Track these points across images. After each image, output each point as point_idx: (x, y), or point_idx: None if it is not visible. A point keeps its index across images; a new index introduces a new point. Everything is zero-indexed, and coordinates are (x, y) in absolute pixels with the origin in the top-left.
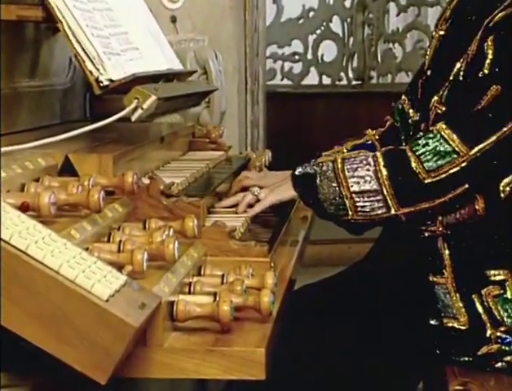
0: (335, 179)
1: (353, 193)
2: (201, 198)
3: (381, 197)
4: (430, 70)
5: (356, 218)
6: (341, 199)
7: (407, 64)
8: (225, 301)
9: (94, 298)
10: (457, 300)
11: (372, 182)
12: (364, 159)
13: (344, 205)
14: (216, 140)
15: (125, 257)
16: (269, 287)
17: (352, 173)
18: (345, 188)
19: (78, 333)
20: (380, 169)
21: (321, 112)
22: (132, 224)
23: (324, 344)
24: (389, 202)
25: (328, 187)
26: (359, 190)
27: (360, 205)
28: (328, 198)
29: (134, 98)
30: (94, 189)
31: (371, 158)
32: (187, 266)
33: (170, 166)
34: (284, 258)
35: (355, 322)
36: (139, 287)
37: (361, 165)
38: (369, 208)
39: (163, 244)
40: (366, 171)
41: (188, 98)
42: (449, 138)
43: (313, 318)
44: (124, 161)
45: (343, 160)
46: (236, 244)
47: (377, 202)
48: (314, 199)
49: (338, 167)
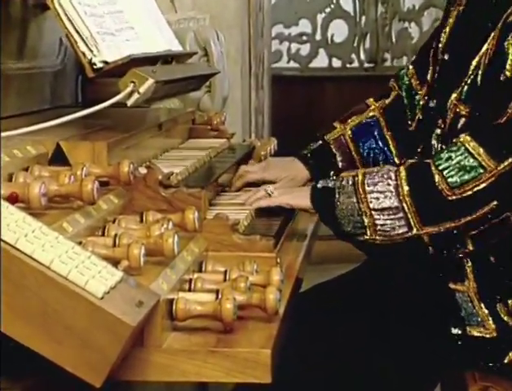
0: (354, 194)
1: (373, 210)
2: (202, 189)
3: (403, 215)
4: (446, 54)
5: (375, 238)
6: (359, 216)
7: None
8: (228, 299)
9: (88, 295)
10: (482, 309)
11: (393, 198)
12: (386, 173)
13: (362, 223)
14: (218, 127)
15: (120, 251)
16: (275, 284)
17: (372, 188)
18: (364, 204)
19: (71, 333)
20: (401, 184)
21: (331, 97)
22: (128, 217)
23: (333, 345)
24: (411, 221)
25: (347, 203)
26: (379, 207)
27: (380, 224)
28: (346, 215)
29: (130, 81)
30: (88, 179)
31: (393, 173)
32: (187, 262)
33: (169, 155)
34: (291, 254)
35: (367, 322)
36: (135, 283)
37: (382, 180)
38: (390, 226)
39: (161, 238)
40: (387, 186)
41: (188, 81)
42: (475, 151)
43: (322, 317)
44: (119, 149)
45: (364, 174)
46: (240, 238)
47: (397, 220)
48: (331, 215)
49: (359, 181)
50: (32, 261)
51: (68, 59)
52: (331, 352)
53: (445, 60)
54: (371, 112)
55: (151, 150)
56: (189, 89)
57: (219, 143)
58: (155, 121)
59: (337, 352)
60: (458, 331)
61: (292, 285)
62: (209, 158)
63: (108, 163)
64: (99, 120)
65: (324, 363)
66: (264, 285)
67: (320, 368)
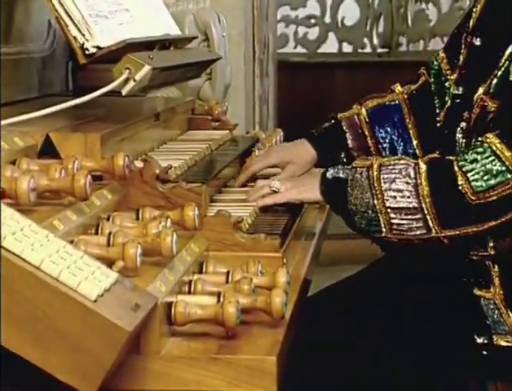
0: (369, 189)
1: (388, 208)
2: (203, 184)
3: (421, 216)
4: (477, 38)
5: (390, 237)
6: (374, 213)
7: (442, 28)
8: (230, 302)
9: (81, 298)
10: (510, 317)
11: (412, 198)
12: (405, 168)
13: (377, 221)
14: (219, 117)
15: (115, 251)
16: (281, 287)
17: (389, 185)
18: (379, 201)
19: (62, 338)
20: (421, 183)
21: (341, 85)
22: (123, 214)
23: (344, 353)
24: (429, 222)
25: (361, 198)
26: (396, 206)
27: (396, 223)
28: (360, 210)
29: (124, 68)
30: (80, 173)
31: (412, 169)
32: (186, 262)
33: (167, 147)
34: (298, 254)
35: (381, 329)
36: (131, 285)
37: (400, 177)
38: (406, 227)
39: (159, 237)
40: (405, 184)
41: (187, 68)
42: (502, 154)
43: (332, 323)
44: (113, 141)
45: (380, 167)
46: (243, 237)
47: (415, 221)
48: (343, 209)
49: (374, 175)
50: (20, 261)
51: (58, 44)
52: (341, 361)
53: (475, 45)
54: (394, 96)
55: (147, 142)
56: (188, 76)
57: (221, 135)
58: (152, 111)
59: (348, 361)
60: (484, 341)
61: (299, 287)
62: (209, 151)
63: (102, 156)
64: (91, 109)
65: (333, 373)
66: (269, 287)
67: (329, 378)
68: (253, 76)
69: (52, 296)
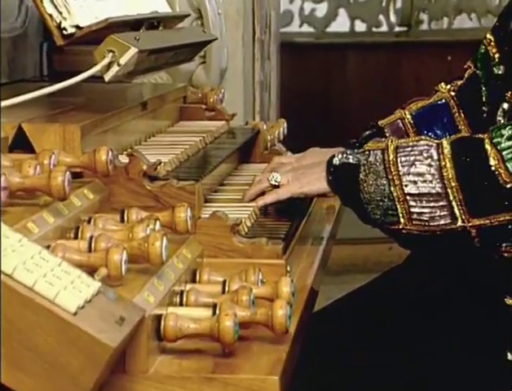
0: (385, 175)
1: (408, 195)
2: (196, 181)
3: (446, 203)
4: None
5: (410, 228)
6: (391, 201)
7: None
8: (227, 315)
9: (59, 310)
10: None
11: (435, 182)
12: (426, 149)
13: (395, 210)
14: (214, 106)
15: (97, 257)
16: (284, 298)
17: (408, 169)
18: (397, 188)
19: (37, 356)
20: (446, 165)
21: (353, 69)
22: (106, 215)
23: (355, 373)
24: (455, 210)
25: (375, 185)
26: (417, 192)
27: (416, 212)
28: (374, 199)
29: (107, 50)
30: (57, 170)
31: (434, 149)
32: (178, 270)
33: (156, 140)
34: (303, 260)
35: (399, 345)
36: (116, 296)
37: (421, 158)
38: (428, 215)
39: (147, 242)
40: (427, 167)
41: (178, 50)
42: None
43: (341, 339)
44: (95, 134)
45: (397, 149)
46: (242, 242)
47: (439, 209)
48: (354, 198)
49: (390, 158)
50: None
51: (31, 22)
52: (352, 382)
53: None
54: (439, 95)
55: (133, 134)
56: (179, 60)
57: (216, 126)
58: (138, 99)
59: (360, 382)
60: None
61: (305, 299)
62: (203, 144)
63: (82, 150)
64: (70, 97)
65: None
66: (271, 298)
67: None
68: (252, 60)
69: (26, 308)
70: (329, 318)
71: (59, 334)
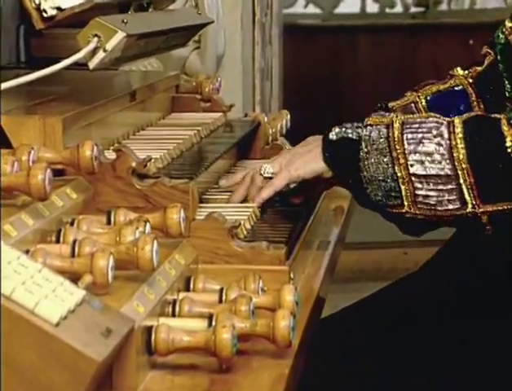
0: (388, 152)
1: (413, 176)
2: (190, 180)
3: (455, 186)
4: None
5: (415, 212)
6: (394, 181)
7: None
8: (224, 327)
9: (39, 321)
10: None
11: (444, 163)
12: (435, 127)
13: (398, 192)
14: (210, 96)
15: (82, 263)
16: (287, 307)
17: (415, 147)
18: (402, 167)
19: (15, 372)
20: (457, 144)
21: (364, 54)
22: (91, 217)
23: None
24: (465, 194)
25: (377, 163)
26: (424, 173)
27: (422, 194)
28: (376, 179)
29: (92, 35)
30: (37, 167)
31: (445, 127)
32: (170, 277)
33: (145, 134)
34: (309, 266)
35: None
36: (101, 306)
37: (429, 136)
38: (435, 199)
39: (136, 246)
40: (436, 145)
41: (170, 35)
42: None
43: (349, 352)
44: (78, 127)
45: (403, 124)
46: (240, 246)
47: (447, 193)
48: (354, 177)
49: (395, 135)
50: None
51: (5, 3)
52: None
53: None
54: (456, 80)
55: (121, 127)
56: (171, 45)
57: (212, 119)
58: (126, 89)
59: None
60: None
61: (310, 309)
62: (198, 138)
63: (64, 145)
64: (50, 86)
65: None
66: (273, 308)
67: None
68: (252, 44)
69: (3, 318)
70: (335, 327)
71: (39, 347)
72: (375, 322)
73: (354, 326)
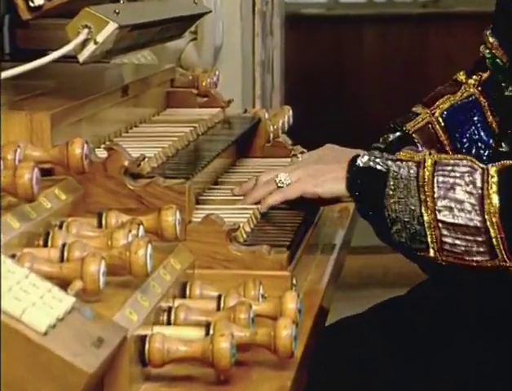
0: (417, 194)
1: (440, 222)
2: (186, 180)
3: (485, 238)
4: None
5: (442, 259)
6: (420, 225)
7: None
8: (223, 336)
9: (26, 330)
10: None
11: (474, 213)
12: (469, 173)
13: (424, 236)
14: (208, 91)
15: (71, 268)
16: (289, 316)
17: (445, 192)
18: (429, 211)
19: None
20: (489, 195)
21: (371, 46)
22: (81, 219)
23: None
24: (496, 248)
25: (405, 204)
26: (452, 221)
27: (449, 242)
28: (401, 219)
29: (82, 25)
30: (23, 166)
31: (479, 175)
32: (165, 283)
33: (138, 131)
34: (312, 272)
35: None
36: (92, 314)
37: (461, 183)
38: (463, 249)
39: (128, 250)
40: (467, 195)
41: (165, 25)
42: None
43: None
44: (67, 124)
45: (435, 165)
46: (240, 250)
47: (476, 244)
48: (377, 213)
49: (425, 175)
50: None
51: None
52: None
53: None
54: (466, 90)
55: (112, 124)
56: (167, 36)
57: (210, 115)
58: (118, 83)
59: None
60: None
61: (313, 317)
62: (195, 136)
63: (52, 143)
64: (37, 80)
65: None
66: (274, 316)
67: None
68: (252, 36)
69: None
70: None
71: (26, 358)
72: (384, 333)
73: (361, 336)
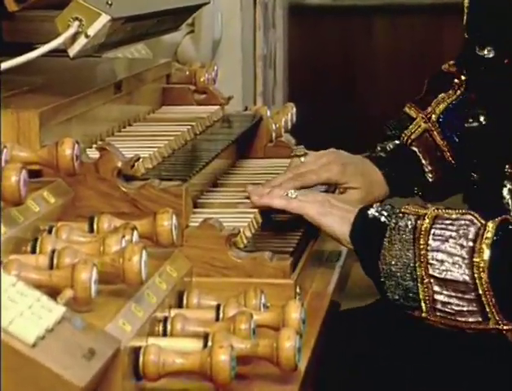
0: (412, 246)
1: (432, 278)
2: (183, 182)
3: (474, 296)
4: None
5: (433, 320)
6: (413, 281)
7: None
8: (222, 348)
9: (14, 341)
10: None
11: (464, 268)
12: (465, 226)
13: (416, 294)
14: (206, 87)
15: (61, 276)
16: (293, 326)
17: (439, 245)
18: (422, 265)
19: None
20: (480, 248)
21: (381, 38)
22: (71, 224)
23: None
24: (486, 307)
25: (399, 257)
26: (442, 276)
27: (441, 300)
28: (395, 274)
29: (73, 18)
30: (10, 168)
31: (475, 228)
32: (160, 292)
33: (132, 130)
34: (317, 280)
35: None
36: (84, 324)
37: (455, 236)
38: (455, 309)
39: (122, 257)
40: (458, 247)
41: (161, 17)
42: None
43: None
44: (57, 122)
45: (435, 218)
46: (240, 257)
47: (467, 302)
48: (373, 267)
49: (423, 226)
50: None
51: None
52: None
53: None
54: (460, 89)
55: (105, 123)
56: (162, 29)
57: (208, 112)
58: (111, 79)
59: None
60: None
61: (318, 327)
62: (192, 135)
63: (41, 143)
64: (25, 76)
65: None
66: (276, 327)
67: None
68: (253, 28)
69: None
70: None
71: (13, 371)
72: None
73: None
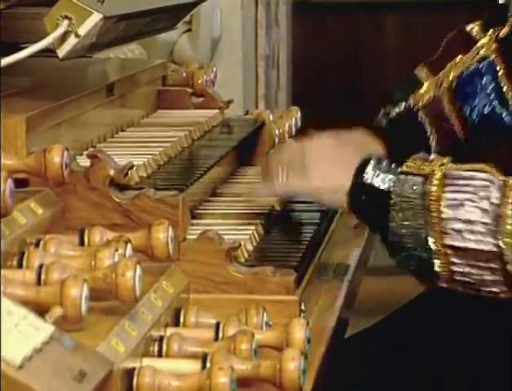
0: (423, 214)
1: (449, 248)
2: (180, 191)
3: (499, 266)
4: None
5: (453, 288)
6: (427, 253)
7: None
8: (221, 369)
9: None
10: None
11: (489, 236)
12: (484, 187)
13: (431, 264)
14: (204, 90)
15: (49, 292)
16: (297, 346)
17: (454, 212)
18: (436, 235)
19: None
20: (508, 214)
21: (391, 36)
22: (60, 237)
23: None
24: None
25: (410, 226)
26: (462, 245)
27: (460, 271)
28: (406, 244)
29: (62, 16)
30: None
31: (497, 188)
32: (156, 310)
33: (126, 136)
34: (323, 296)
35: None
36: (74, 344)
37: (474, 199)
38: (477, 278)
39: (114, 272)
40: (481, 213)
41: (156, 16)
42: None
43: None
44: (45, 128)
45: (445, 179)
46: (241, 272)
47: (490, 272)
48: (382, 237)
49: (432, 191)
50: None
51: None
52: None
53: None
54: (480, 50)
55: (96, 128)
56: (157, 28)
57: (207, 117)
58: (102, 81)
59: None
60: None
61: (325, 348)
62: (190, 141)
63: (28, 150)
64: (11, 78)
65: None
66: (279, 347)
67: None
68: (255, 26)
69: None
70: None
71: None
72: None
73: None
